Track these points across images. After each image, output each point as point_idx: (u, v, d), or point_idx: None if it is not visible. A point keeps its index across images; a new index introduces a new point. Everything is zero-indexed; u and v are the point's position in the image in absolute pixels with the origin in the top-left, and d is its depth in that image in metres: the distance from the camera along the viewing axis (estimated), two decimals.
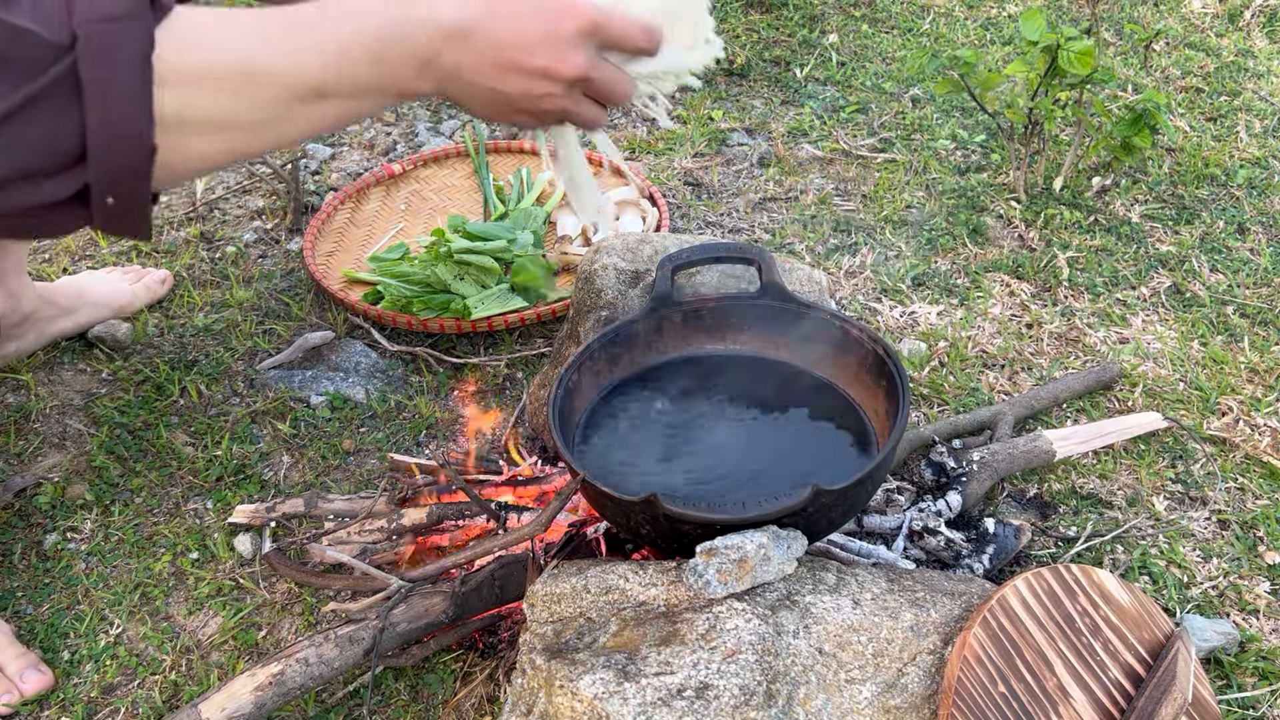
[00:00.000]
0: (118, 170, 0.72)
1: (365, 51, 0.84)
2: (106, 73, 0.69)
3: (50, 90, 0.67)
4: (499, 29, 0.87)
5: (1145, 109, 1.96)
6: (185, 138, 0.76)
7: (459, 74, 0.88)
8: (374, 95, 0.87)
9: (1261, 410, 1.69)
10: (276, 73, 0.80)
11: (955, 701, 1.01)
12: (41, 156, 0.69)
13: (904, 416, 1.18)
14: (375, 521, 1.42)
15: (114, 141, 0.71)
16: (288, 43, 0.82)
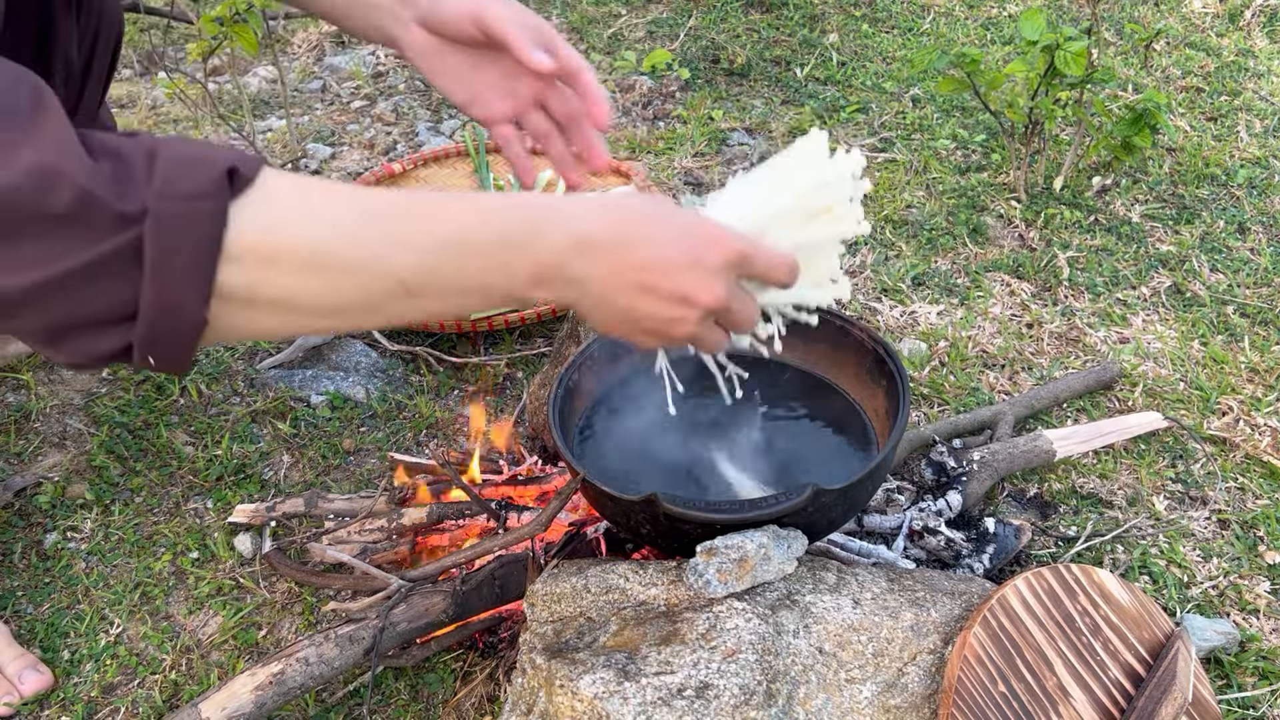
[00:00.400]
0: (163, 339, 0.72)
1: (477, 252, 0.79)
2: (170, 251, 0.69)
3: (112, 257, 0.68)
4: (641, 249, 0.84)
5: (1146, 109, 1.96)
6: (248, 313, 0.74)
7: (587, 286, 0.83)
8: (477, 295, 0.81)
9: (1262, 410, 1.69)
10: (361, 265, 0.76)
11: (955, 701, 1.01)
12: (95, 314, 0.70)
13: (904, 416, 1.18)
14: (375, 521, 1.42)
15: (164, 314, 0.70)
16: (381, 231, 0.77)
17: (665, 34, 2.80)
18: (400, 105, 2.54)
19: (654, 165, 2.29)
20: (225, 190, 0.70)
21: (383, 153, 2.36)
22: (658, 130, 2.43)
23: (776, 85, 2.59)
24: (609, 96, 1.12)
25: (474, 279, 0.80)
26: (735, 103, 2.52)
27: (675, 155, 2.32)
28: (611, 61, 2.68)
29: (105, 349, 0.71)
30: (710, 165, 2.29)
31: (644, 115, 2.49)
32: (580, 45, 2.78)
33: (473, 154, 2.23)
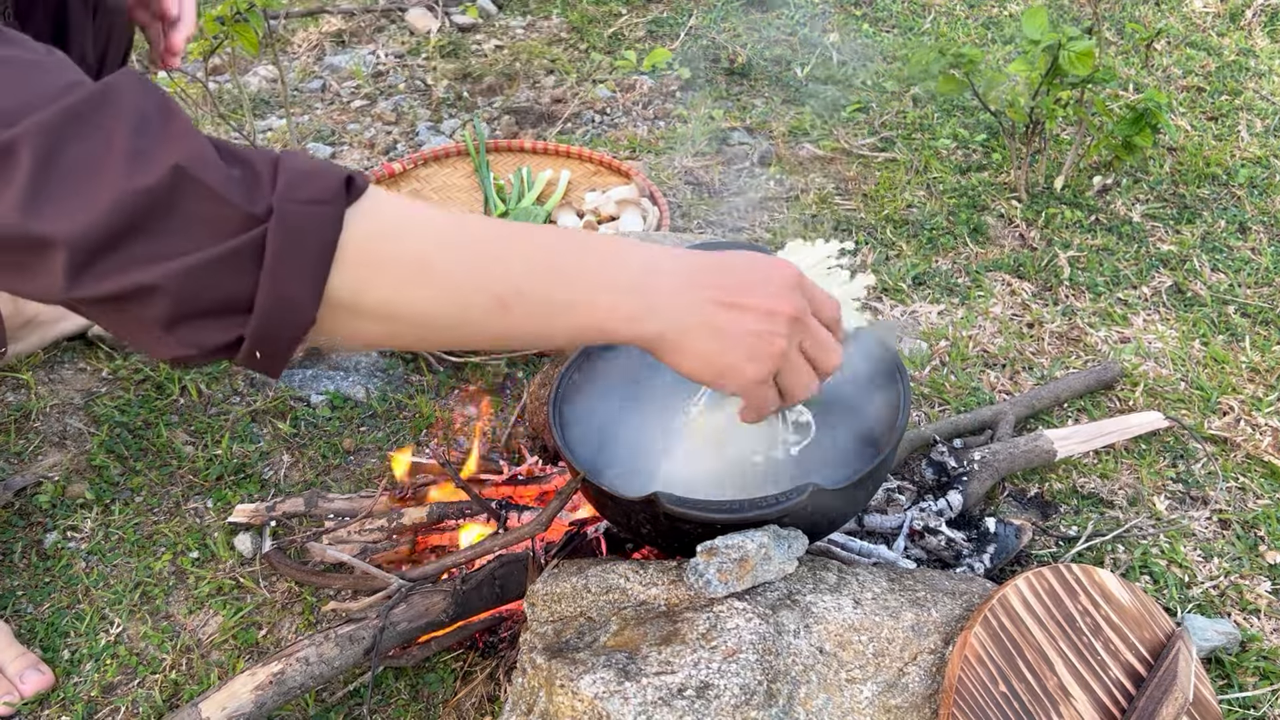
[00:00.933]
0: (274, 335, 0.76)
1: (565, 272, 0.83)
2: (290, 249, 0.73)
3: (237, 253, 0.72)
4: (714, 273, 0.88)
5: (1146, 108, 1.96)
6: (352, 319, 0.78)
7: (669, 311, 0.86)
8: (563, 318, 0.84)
9: (1262, 410, 1.69)
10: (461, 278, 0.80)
11: (956, 701, 1.01)
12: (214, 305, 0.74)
13: (905, 416, 1.18)
14: (375, 521, 1.41)
15: (277, 312, 0.74)
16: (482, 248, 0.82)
17: (666, 33, 2.80)
18: (400, 105, 2.54)
19: (654, 165, 2.29)
20: (343, 198, 0.76)
21: (383, 152, 2.36)
22: (658, 130, 2.43)
23: (777, 84, 2.59)
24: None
25: (561, 298, 0.84)
26: (736, 102, 2.52)
27: (676, 155, 2.32)
28: (612, 61, 2.68)
29: (218, 340, 0.75)
30: (711, 165, 2.29)
31: (644, 115, 2.49)
32: (581, 45, 2.78)
33: (473, 154, 2.23)
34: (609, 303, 0.85)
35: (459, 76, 2.64)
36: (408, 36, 2.81)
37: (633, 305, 0.85)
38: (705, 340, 0.88)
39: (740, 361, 0.89)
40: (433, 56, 2.72)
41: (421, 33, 2.82)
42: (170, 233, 0.71)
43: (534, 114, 2.49)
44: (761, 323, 0.89)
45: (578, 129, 2.44)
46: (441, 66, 2.67)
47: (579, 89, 2.58)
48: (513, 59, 2.70)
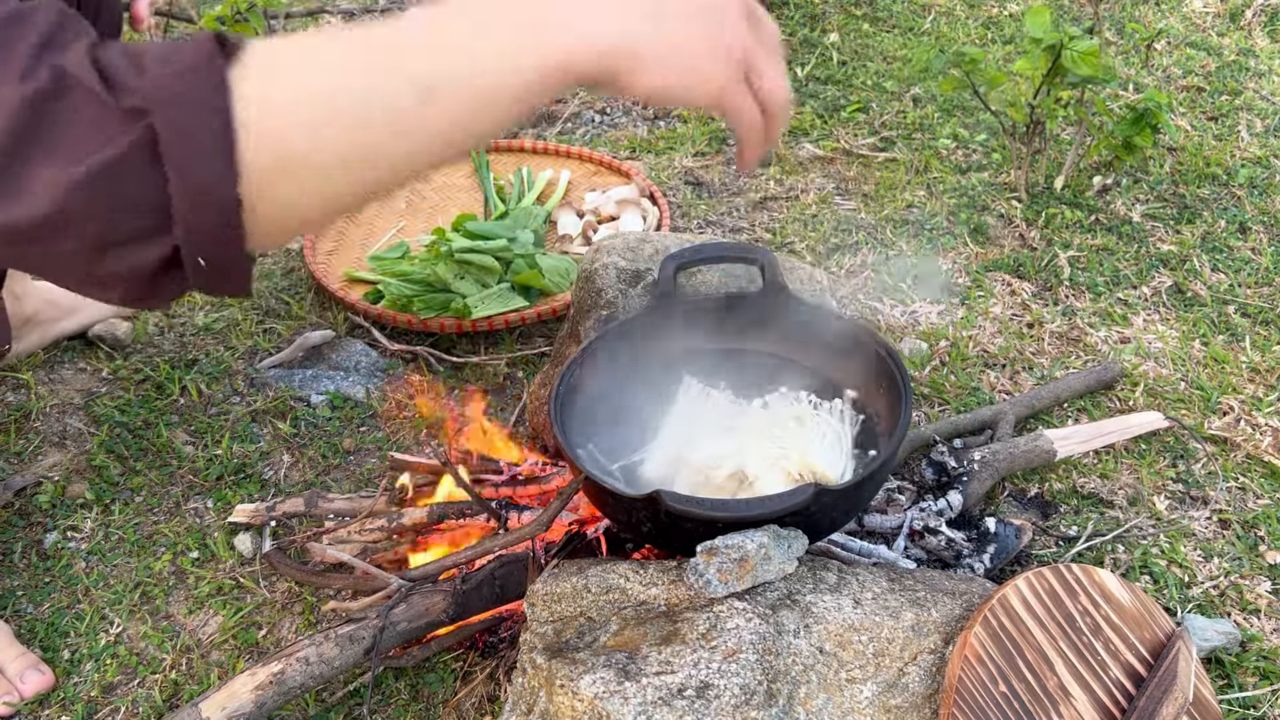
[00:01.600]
0: (206, 232, 0.69)
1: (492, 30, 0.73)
2: (182, 131, 0.66)
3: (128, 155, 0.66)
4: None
5: (1147, 108, 1.96)
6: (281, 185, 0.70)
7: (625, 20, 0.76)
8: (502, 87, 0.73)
9: (1263, 410, 1.69)
10: (372, 81, 0.71)
11: (956, 701, 1.01)
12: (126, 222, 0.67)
13: (906, 417, 1.18)
14: (375, 521, 1.41)
15: (197, 201, 0.67)
16: (384, 42, 0.73)
17: None
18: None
19: (654, 165, 2.29)
20: (219, 58, 0.68)
21: None
22: (658, 130, 2.43)
23: None
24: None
25: (492, 62, 0.73)
26: None
27: (676, 155, 2.32)
28: None
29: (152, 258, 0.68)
30: (710, 165, 2.29)
31: (644, 115, 2.49)
32: None
33: (473, 154, 2.23)
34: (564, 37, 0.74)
35: None
36: None
37: (584, 27, 0.75)
38: (664, 49, 0.78)
39: (705, 61, 0.80)
40: None
41: None
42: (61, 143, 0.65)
43: (534, 114, 2.49)
44: (714, 17, 0.80)
45: (578, 129, 2.44)
46: None
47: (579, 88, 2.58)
48: None
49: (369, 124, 0.71)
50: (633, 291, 1.47)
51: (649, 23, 0.77)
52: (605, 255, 1.51)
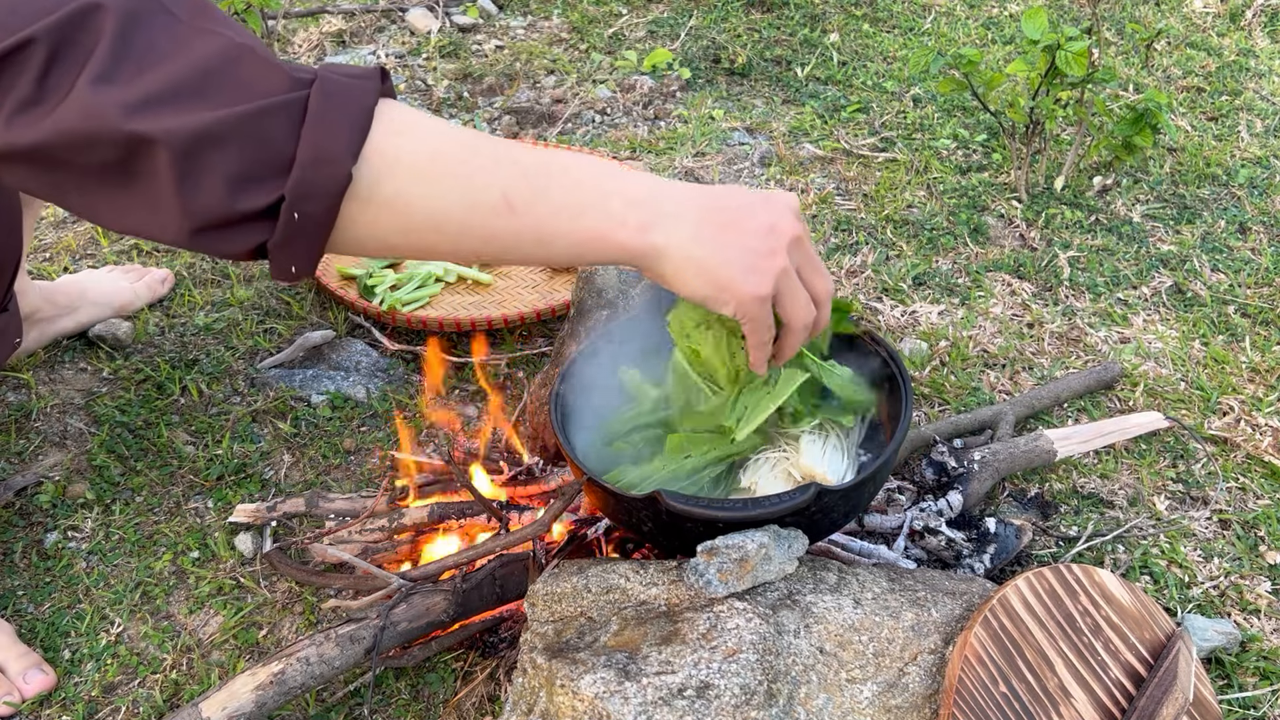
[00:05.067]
0: (313, 186, 0.80)
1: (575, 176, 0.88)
2: (330, 110, 0.81)
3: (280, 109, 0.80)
4: (723, 197, 0.92)
5: (1146, 108, 1.96)
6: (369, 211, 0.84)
7: (680, 223, 0.89)
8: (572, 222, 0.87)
9: (1263, 410, 1.69)
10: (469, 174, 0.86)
11: (956, 701, 1.01)
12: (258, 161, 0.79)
13: (907, 418, 1.18)
14: (376, 521, 1.42)
15: (315, 166, 0.80)
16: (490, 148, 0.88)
17: (666, 33, 2.80)
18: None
19: (655, 165, 2.29)
20: (378, 80, 0.85)
21: None
22: (658, 130, 2.43)
23: (777, 85, 2.59)
24: None
25: (572, 200, 0.87)
26: (736, 102, 2.52)
27: (676, 155, 2.32)
28: (612, 61, 2.68)
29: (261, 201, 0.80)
30: (711, 165, 2.29)
31: (644, 115, 2.49)
32: (581, 45, 2.78)
33: None
34: (619, 211, 0.88)
35: (459, 76, 2.64)
36: (408, 36, 2.82)
37: (641, 216, 0.88)
38: (706, 253, 0.89)
39: (739, 274, 0.91)
40: (433, 57, 2.72)
41: (422, 33, 2.82)
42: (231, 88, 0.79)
43: (534, 114, 2.49)
44: (762, 239, 0.91)
45: (578, 129, 2.44)
46: (442, 66, 2.67)
47: (579, 89, 2.58)
48: (513, 59, 2.70)
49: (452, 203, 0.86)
50: (633, 291, 1.47)
51: (700, 246, 0.89)
52: None
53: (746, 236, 0.91)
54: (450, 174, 0.85)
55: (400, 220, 0.85)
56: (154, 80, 0.77)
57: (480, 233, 0.87)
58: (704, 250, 0.90)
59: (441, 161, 0.85)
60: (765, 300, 0.93)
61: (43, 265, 1.98)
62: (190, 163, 0.78)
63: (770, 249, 0.91)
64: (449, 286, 1.90)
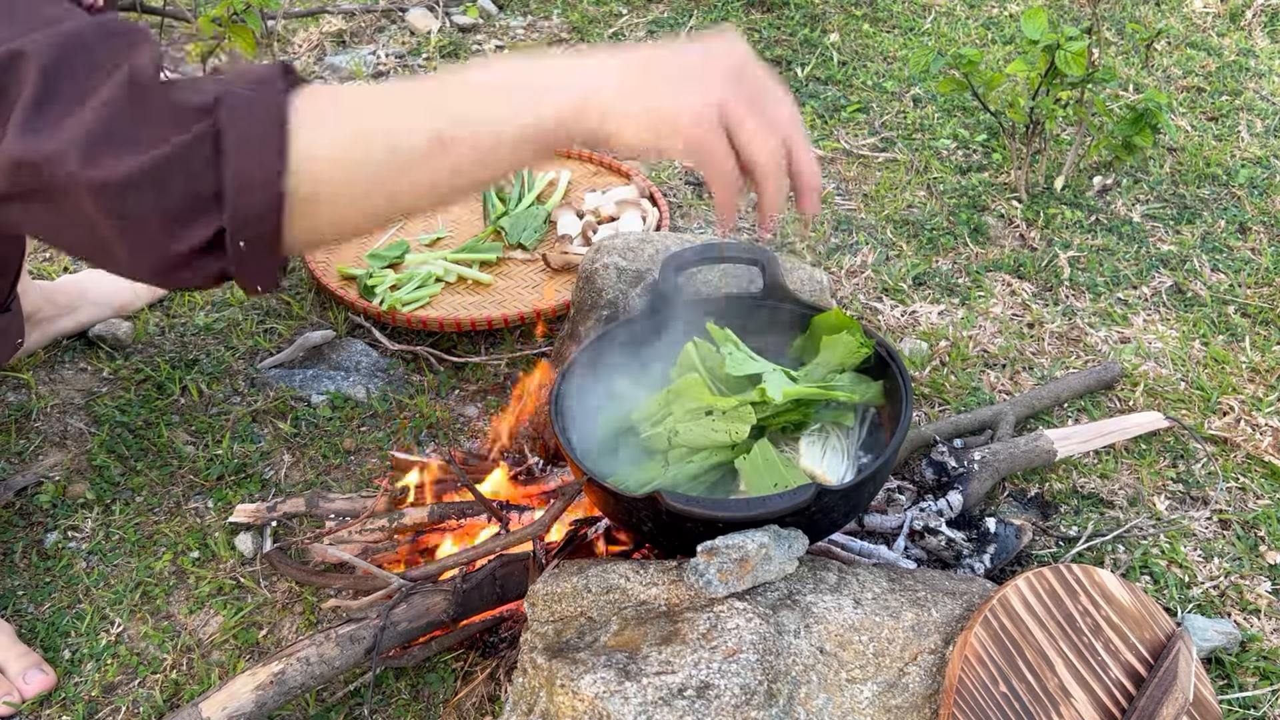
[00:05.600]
0: (250, 212, 0.81)
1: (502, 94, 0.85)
2: (243, 126, 0.80)
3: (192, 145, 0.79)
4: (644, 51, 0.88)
5: (1146, 108, 1.96)
6: (312, 203, 0.83)
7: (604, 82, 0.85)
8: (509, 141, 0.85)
9: (1263, 410, 1.69)
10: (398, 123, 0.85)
11: (956, 701, 1.01)
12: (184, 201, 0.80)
13: (907, 418, 1.18)
14: (376, 521, 1.42)
15: (246, 186, 0.80)
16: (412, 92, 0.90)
17: (666, 34, 2.80)
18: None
19: (655, 165, 2.29)
20: (283, 80, 0.83)
21: None
22: None
23: None
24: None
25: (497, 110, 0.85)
26: None
27: None
28: None
29: (200, 236, 0.81)
30: None
31: None
32: (581, 45, 2.78)
33: None
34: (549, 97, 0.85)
35: None
36: (408, 36, 2.82)
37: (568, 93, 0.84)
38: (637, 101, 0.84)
39: (671, 106, 0.83)
40: (433, 57, 2.72)
41: (422, 33, 2.82)
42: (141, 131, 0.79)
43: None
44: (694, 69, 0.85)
45: None
46: (442, 66, 2.67)
47: None
48: None
49: (391, 159, 0.84)
50: (633, 291, 1.47)
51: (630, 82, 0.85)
52: (605, 255, 1.52)
53: (675, 71, 0.85)
54: (376, 143, 0.84)
55: (348, 207, 0.85)
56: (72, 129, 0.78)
57: (426, 179, 0.86)
58: (634, 100, 0.84)
59: (364, 136, 0.84)
60: (711, 127, 0.84)
61: (43, 265, 1.98)
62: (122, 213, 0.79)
63: (703, 76, 0.84)
64: (449, 286, 1.90)
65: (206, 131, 0.79)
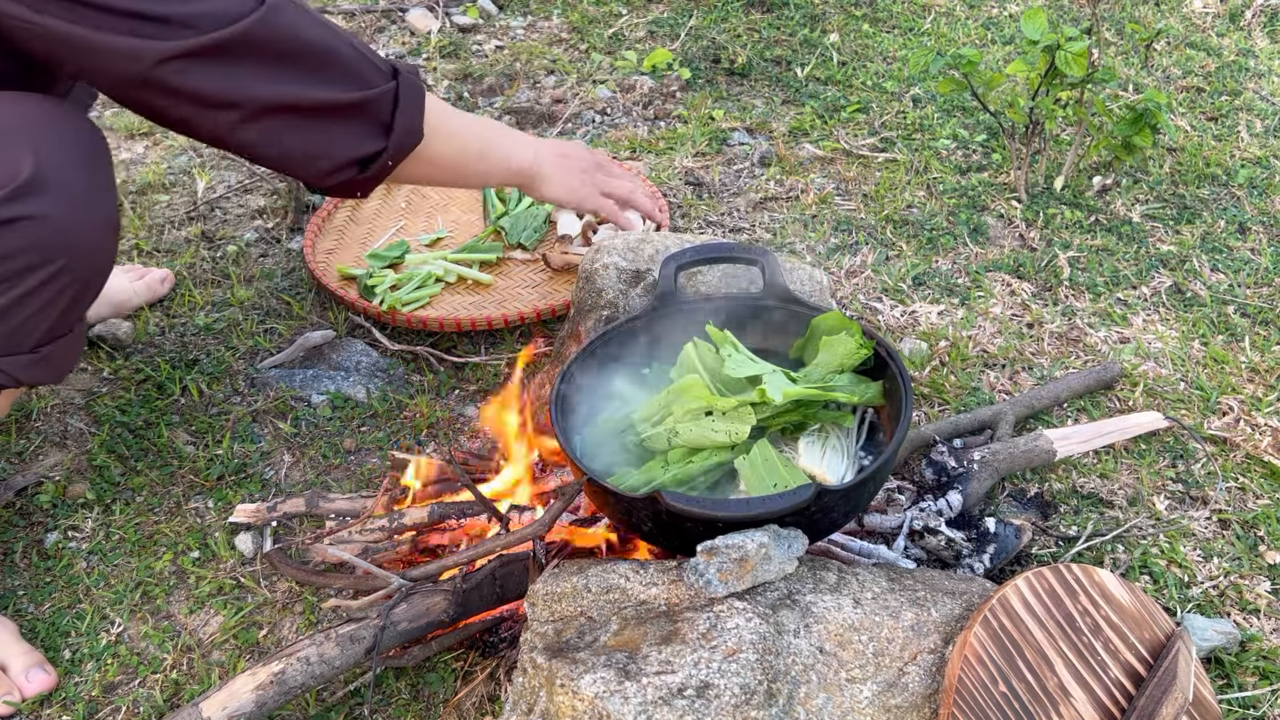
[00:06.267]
0: (399, 147, 1.29)
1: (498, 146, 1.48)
2: (409, 98, 1.28)
3: (384, 95, 1.26)
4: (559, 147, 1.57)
5: (1146, 108, 1.96)
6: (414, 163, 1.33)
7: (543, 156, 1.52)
8: (502, 162, 1.49)
9: (1262, 410, 1.69)
10: (460, 134, 1.42)
11: (956, 701, 1.01)
12: (374, 125, 1.27)
13: (907, 418, 1.18)
14: (376, 520, 1.42)
15: (403, 134, 1.29)
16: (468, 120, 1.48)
17: (666, 34, 2.81)
18: None
19: (655, 165, 2.29)
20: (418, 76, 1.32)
21: None
22: (658, 130, 2.43)
23: (777, 85, 2.59)
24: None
25: (503, 151, 1.48)
26: (736, 102, 2.52)
27: (676, 155, 2.32)
28: (612, 61, 2.68)
29: (371, 148, 1.27)
30: (711, 165, 2.29)
31: (644, 115, 2.49)
32: (581, 45, 2.78)
33: None
34: (522, 155, 1.50)
35: (460, 77, 2.64)
36: (408, 37, 2.82)
37: (531, 158, 1.51)
38: (561, 174, 1.53)
39: (579, 182, 1.55)
40: (433, 57, 2.72)
41: (422, 33, 2.82)
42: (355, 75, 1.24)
43: (535, 114, 2.49)
44: (584, 162, 1.58)
45: (578, 129, 2.44)
46: (442, 67, 2.67)
47: (579, 89, 2.58)
48: (513, 59, 2.70)
49: (457, 154, 1.43)
50: (633, 291, 1.47)
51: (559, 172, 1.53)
52: (605, 255, 1.52)
53: (577, 163, 1.56)
54: (458, 139, 1.41)
55: (432, 168, 1.39)
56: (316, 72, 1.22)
57: (468, 171, 1.46)
58: (558, 174, 1.53)
59: (455, 133, 1.40)
60: (596, 193, 1.58)
61: None
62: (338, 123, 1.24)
63: (588, 166, 1.58)
64: (449, 286, 1.91)
65: (391, 89, 1.26)
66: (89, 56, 1.09)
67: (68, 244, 1.15)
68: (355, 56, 1.23)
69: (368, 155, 1.26)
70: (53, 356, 1.24)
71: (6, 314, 1.15)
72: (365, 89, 1.23)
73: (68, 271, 1.16)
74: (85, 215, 1.16)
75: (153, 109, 1.16)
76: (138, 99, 1.15)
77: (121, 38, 1.07)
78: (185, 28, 1.09)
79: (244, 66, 1.14)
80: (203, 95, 1.14)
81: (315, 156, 1.23)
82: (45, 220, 1.12)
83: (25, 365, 1.21)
